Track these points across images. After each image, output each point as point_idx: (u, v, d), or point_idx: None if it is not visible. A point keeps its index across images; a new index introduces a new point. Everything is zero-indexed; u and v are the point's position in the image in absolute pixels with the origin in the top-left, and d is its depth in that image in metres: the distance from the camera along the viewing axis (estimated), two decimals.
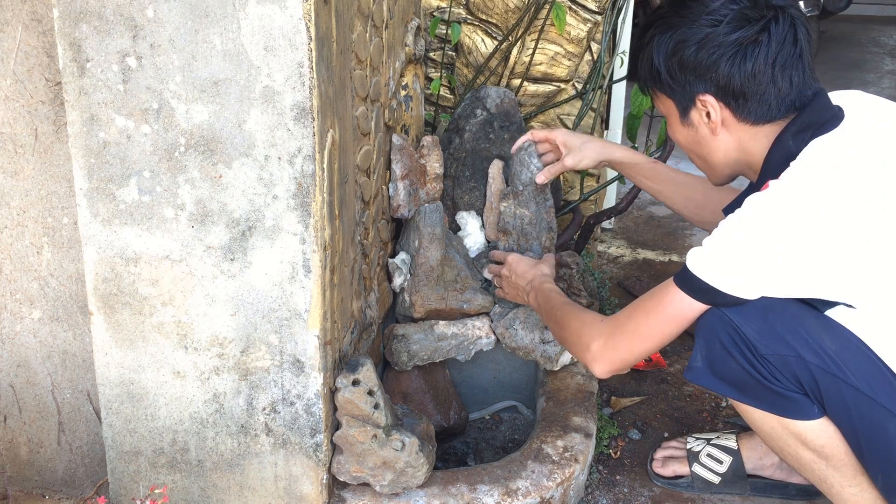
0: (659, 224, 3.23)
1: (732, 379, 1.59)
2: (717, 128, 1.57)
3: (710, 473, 1.89)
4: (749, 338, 1.54)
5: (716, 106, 1.55)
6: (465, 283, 2.02)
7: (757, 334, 1.54)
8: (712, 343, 1.59)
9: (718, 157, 1.63)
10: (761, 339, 1.54)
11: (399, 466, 1.59)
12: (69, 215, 1.63)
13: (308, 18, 1.32)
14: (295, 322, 1.49)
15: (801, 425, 1.56)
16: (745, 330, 1.54)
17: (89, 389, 1.74)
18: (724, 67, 1.51)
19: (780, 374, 1.54)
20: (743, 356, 1.55)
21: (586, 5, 2.43)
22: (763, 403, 1.59)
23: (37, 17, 1.53)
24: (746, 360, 1.55)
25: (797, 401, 1.55)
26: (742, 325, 1.54)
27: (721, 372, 1.59)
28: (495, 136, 2.28)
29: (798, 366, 1.52)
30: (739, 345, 1.55)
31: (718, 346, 1.58)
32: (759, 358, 1.54)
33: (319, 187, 1.42)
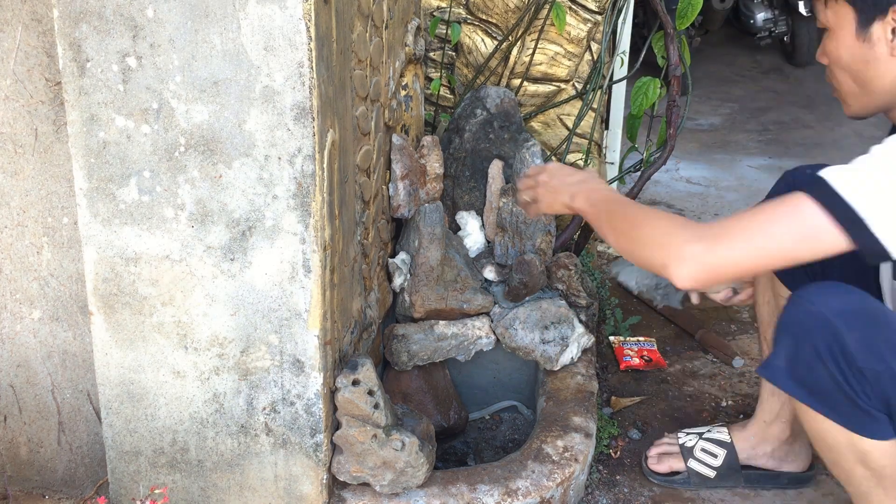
0: None
1: (815, 386, 1.46)
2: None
3: (706, 468, 1.89)
4: (850, 347, 1.41)
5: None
6: (465, 283, 2.02)
7: (858, 344, 1.41)
8: (803, 344, 1.45)
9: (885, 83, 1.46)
10: (863, 349, 1.41)
11: (399, 466, 1.59)
12: (69, 215, 1.63)
13: (308, 18, 1.32)
14: (295, 322, 1.49)
15: (870, 444, 1.47)
16: (848, 338, 1.41)
17: (89, 389, 1.74)
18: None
19: (871, 391, 1.42)
20: (837, 366, 1.42)
21: (586, 5, 2.43)
22: (840, 416, 1.47)
23: (37, 17, 1.53)
24: (839, 371, 1.42)
25: (879, 420, 1.45)
26: (845, 332, 1.41)
27: (804, 377, 1.46)
28: (495, 136, 2.29)
29: (892, 383, 1.41)
30: (836, 353, 1.42)
31: (809, 350, 1.44)
32: (855, 371, 1.41)
33: (319, 187, 1.42)
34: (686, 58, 2.40)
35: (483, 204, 2.28)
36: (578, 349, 2.06)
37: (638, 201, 3.25)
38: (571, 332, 2.03)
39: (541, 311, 2.02)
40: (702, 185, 3.60)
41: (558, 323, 2.02)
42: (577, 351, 2.05)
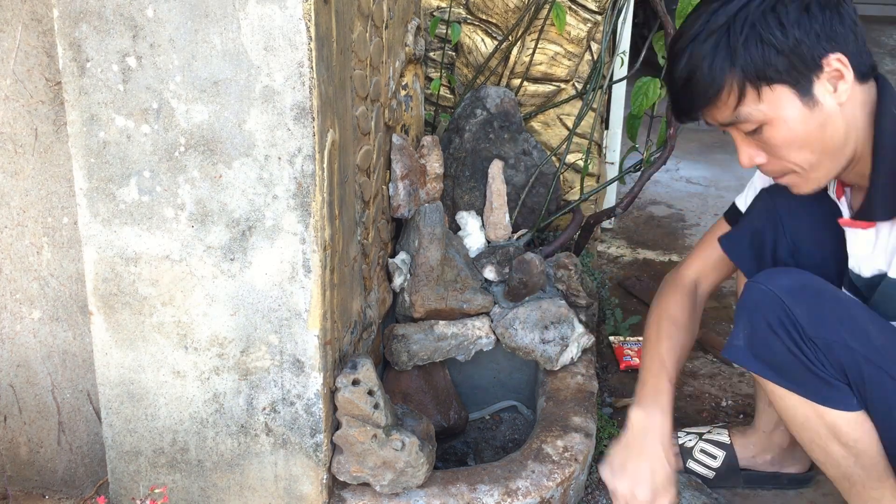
0: (659, 224, 3.23)
1: (774, 360, 1.52)
2: (847, 91, 1.39)
3: (705, 469, 1.89)
4: (799, 319, 1.48)
5: (846, 62, 1.37)
6: (465, 283, 2.02)
7: (807, 316, 1.48)
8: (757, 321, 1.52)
9: (842, 134, 1.43)
10: (811, 320, 1.48)
11: (399, 466, 1.59)
12: (69, 215, 1.63)
13: (308, 18, 1.32)
14: (295, 322, 1.49)
15: (838, 416, 1.50)
16: (796, 311, 1.48)
17: (89, 389, 1.74)
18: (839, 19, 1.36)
19: (826, 360, 1.48)
20: (790, 337, 1.49)
21: (586, 5, 2.43)
22: (803, 388, 1.52)
23: (37, 17, 1.53)
24: (793, 342, 1.49)
25: (839, 389, 1.49)
26: (793, 306, 1.48)
27: (762, 352, 1.53)
28: (495, 136, 2.29)
29: (844, 353, 1.47)
30: (787, 325, 1.49)
31: (764, 325, 1.51)
32: (807, 340, 1.48)
33: (319, 187, 1.42)
34: None
35: (483, 204, 2.28)
36: (578, 349, 2.06)
37: (638, 201, 3.23)
38: (571, 332, 2.03)
39: (541, 311, 2.02)
40: (702, 185, 3.60)
41: (558, 323, 2.02)
42: (577, 351, 2.05)
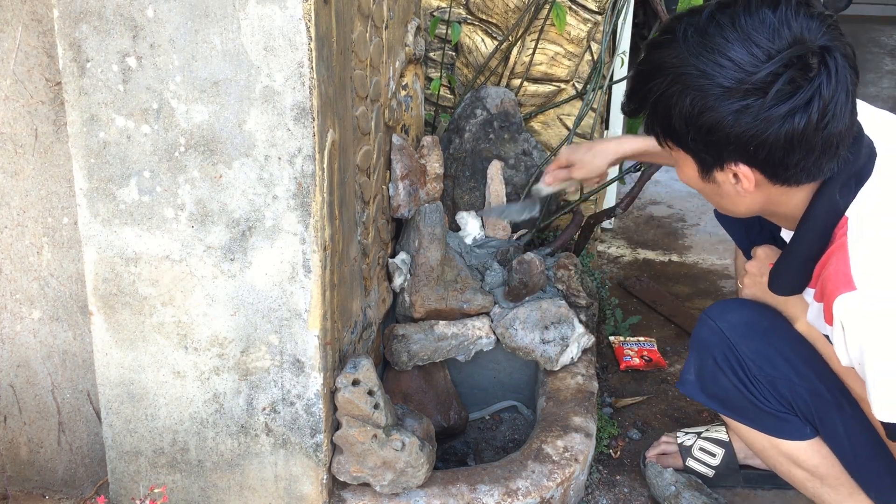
0: (659, 224, 3.23)
1: (723, 396, 1.58)
2: (746, 192, 1.36)
3: (704, 467, 1.90)
4: (742, 357, 1.53)
5: (749, 175, 1.33)
6: (465, 283, 2.02)
7: (752, 353, 1.53)
8: (705, 358, 1.58)
9: (740, 210, 1.43)
10: (756, 359, 1.53)
11: (399, 466, 1.59)
12: (69, 215, 1.63)
13: (308, 18, 1.32)
14: (295, 322, 1.49)
15: (792, 445, 1.56)
16: (740, 348, 1.53)
17: (89, 389, 1.74)
18: (768, 141, 1.26)
19: (771, 396, 1.53)
20: (735, 374, 1.54)
21: (586, 5, 2.43)
22: (753, 422, 1.58)
23: (37, 17, 1.53)
24: (738, 379, 1.55)
25: (788, 421, 1.55)
26: (738, 344, 1.53)
27: (712, 388, 1.59)
28: (495, 136, 2.29)
29: (789, 388, 1.52)
30: (732, 363, 1.54)
31: (711, 362, 1.57)
32: (752, 378, 1.53)
33: (319, 187, 1.42)
34: None
35: (483, 204, 2.28)
36: (578, 349, 2.06)
37: (638, 201, 3.23)
38: (571, 332, 2.03)
39: (541, 311, 2.02)
40: None
41: (558, 323, 2.02)
42: (577, 351, 2.05)
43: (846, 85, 1.26)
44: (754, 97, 1.24)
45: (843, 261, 1.30)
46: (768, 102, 1.24)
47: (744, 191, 1.35)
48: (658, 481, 1.84)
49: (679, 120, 1.31)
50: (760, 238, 1.76)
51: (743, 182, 1.34)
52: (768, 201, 1.39)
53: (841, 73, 1.25)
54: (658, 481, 1.84)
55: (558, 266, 2.18)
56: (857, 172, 1.35)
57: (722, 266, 2.91)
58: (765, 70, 1.23)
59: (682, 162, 1.39)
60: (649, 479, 1.87)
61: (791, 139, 1.26)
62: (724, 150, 1.30)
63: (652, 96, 1.33)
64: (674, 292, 2.74)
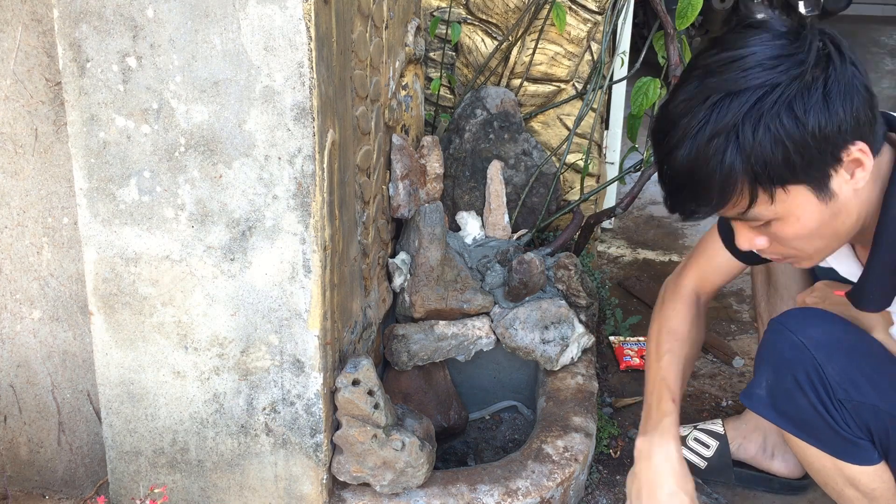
0: (659, 224, 3.23)
1: (797, 416, 1.48)
2: (865, 177, 1.26)
3: (697, 458, 1.90)
4: (829, 378, 1.43)
5: (867, 150, 1.24)
6: (465, 283, 2.02)
7: (839, 376, 1.43)
8: (783, 375, 1.47)
9: (853, 221, 1.31)
10: (842, 382, 1.43)
11: (399, 466, 1.59)
12: (69, 215, 1.63)
13: (308, 18, 1.32)
14: (295, 322, 1.49)
15: (858, 469, 1.49)
16: (828, 370, 1.43)
17: (89, 389, 1.74)
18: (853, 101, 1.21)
19: (852, 421, 1.45)
20: (817, 396, 1.44)
21: (586, 5, 2.43)
22: (824, 445, 1.49)
23: (37, 17, 1.53)
24: (819, 401, 1.44)
25: (862, 447, 1.47)
26: (825, 364, 1.43)
27: (785, 406, 1.48)
28: (495, 136, 2.29)
29: (872, 414, 1.44)
30: (816, 384, 1.43)
31: (790, 380, 1.46)
32: (835, 401, 1.43)
33: (319, 187, 1.42)
34: (686, 58, 2.40)
35: (483, 204, 2.28)
36: (578, 349, 2.06)
37: (638, 201, 3.23)
38: (571, 332, 2.03)
39: (541, 311, 2.02)
40: None
41: (558, 323, 2.02)
42: (578, 351, 2.05)
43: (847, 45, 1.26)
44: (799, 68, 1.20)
45: None
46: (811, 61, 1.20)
47: (862, 177, 1.26)
48: None
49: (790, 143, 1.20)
50: None
51: (865, 162, 1.24)
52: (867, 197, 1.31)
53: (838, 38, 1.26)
54: None
55: (558, 266, 2.18)
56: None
57: None
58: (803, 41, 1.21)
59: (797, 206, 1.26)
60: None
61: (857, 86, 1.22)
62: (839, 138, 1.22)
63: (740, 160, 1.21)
64: None
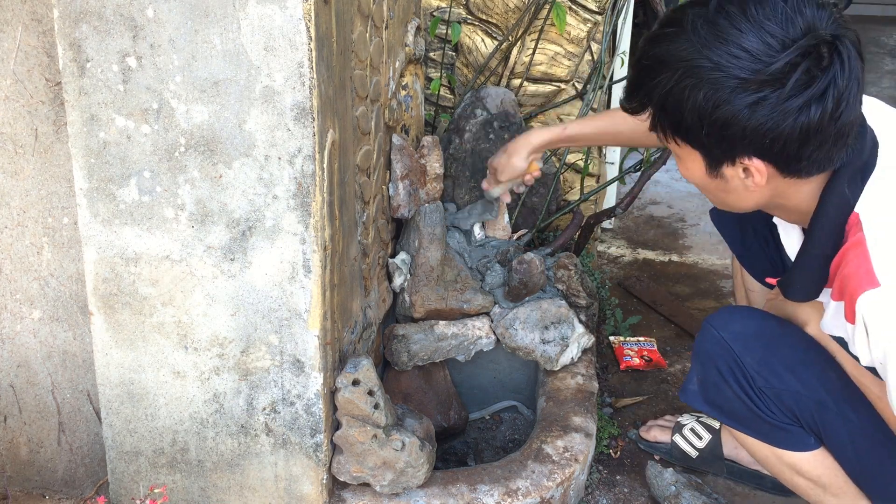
0: (659, 224, 3.23)
1: (726, 406, 1.57)
2: (757, 186, 1.33)
3: (689, 447, 1.92)
4: (747, 368, 1.51)
5: (762, 169, 1.30)
6: (465, 283, 2.02)
7: (756, 365, 1.51)
8: (708, 368, 1.57)
9: (746, 205, 1.41)
10: (760, 370, 1.51)
11: (399, 466, 1.59)
12: (69, 215, 1.63)
13: (308, 18, 1.32)
14: (295, 322, 1.49)
15: (796, 456, 1.55)
16: (745, 360, 1.51)
17: (89, 389, 1.74)
18: (783, 134, 1.24)
19: (776, 407, 1.52)
20: (739, 386, 1.53)
21: (586, 5, 2.43)
22: (756, 433, 1.57)
23: (37, 17, 1.53)
24: (742, 390, 1.53)
25: (792, 433, 1.54)
26: (742, 355, 1.51)
27: (715, 398, 1.58)
28: (495, 136, 2.28)
29: (794, 400, 1.50)
30: (737, 374, 1.52)
31: (714, 373, 1.56)
32: (756, 390, 1.52)
33: (319, 187, 1.42)
34: None
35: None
36: (578, 349, 2.06)
37: (638, 201, 3.23)
38: (571, 333, 2.03)
39: (541, 311, 2.02)
40: None
41: (558, 323, 2.02)
42: (578, 351, 2.05)
43: (857, 74, 1.24)
44: (771, 88, 1.21)
45: (864, 257, 1.28)
46: (786, 93, 1.21)
47: (754, 185, 1.33)
48: (658, 481, 1.84)
49: (692, 115, 1.26)
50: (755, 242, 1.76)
51: (755, 176, 1.31)
52: (775, 194, 1.37)
53: (853, 62, 1.23)
54: (658, 481, 1.84)
55: (558, 266, 2.18)
56: (862, 165, 1.33)
57: (722, 266, 2.91)
58: (781, 60, 1.20)
59: (687, 157, 1.36)
60: (649, 478, 1.87)
61: (807, 131, 1.23)
62: (738, 145, 1.27)
63: (659, 92, 1.28)
64: (674, 292, 2.74)
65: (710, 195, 1.44)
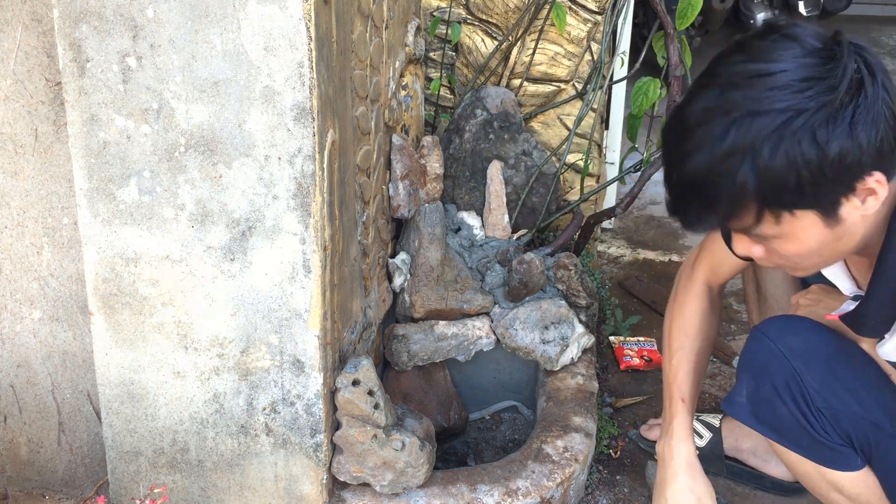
0: (659, 224, 3.23)
1: (778, 423, 1.49)
2: (877, 205, 1.22)
3: None
4: (808, 387, 1.43)
5: (883, 180, 1.19)
6: (465, 283, 2.02)
7: (818, 385, 1.43)
8: (763, 383, 1.48)
9: (856, 242, 1.29)
10: (821, 390, 1.43)
11: (399, 466, 1.59)
12: (69, 215, 1.63)
13: (308, 18, 1.32)
14: (295, 322, 1.49)
15: (840, 475, 1.49)
16: (806, 378, 1.43)
17: (89, 389, 1.74)
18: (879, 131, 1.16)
19: (831, 428, 1.45)
20: (795, 404, 1.45)
21: (586, 5, 2.43)
22: (805, 451, 1.50)
23: (37, 17, 1.53)
24: (798, 409, 1.45)
25: (842, 453, 1.48)
26: (803, 373, 1.43)
27: (765, 414, 1.49)
28: (495, 136, 2.28)
29: (852, 422, 1.44)
30: (794, 392, 1.44)
31: (769, 388, 1.47)
32: (814, 409, 1.44)
33: (319, 187, 1.42)
34: (686, 58, 2.40)
35: (483, 204, 2.28)
36: (578, 349, 2.06)
37: (638, 201, 3.22)
38: (571, 333, 2.03)
39: (541, 311, 2.02)
40: None
41: (558, 323, 2.02)
42: (578, 351, 2.05)
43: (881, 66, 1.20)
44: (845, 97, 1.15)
45: None
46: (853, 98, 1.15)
47: (873, 205, 1.22)
48: None
49: (807, 171, 1.16)
50: None
51: (879, 192, 1.20)
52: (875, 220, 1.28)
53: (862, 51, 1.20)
54: None
55: (558, 266, 2.18)
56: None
57: None
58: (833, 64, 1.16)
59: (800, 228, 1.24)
60: (649, 478, 1.87)
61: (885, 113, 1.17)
62: (856, 167, 1.18)
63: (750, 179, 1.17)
64: None
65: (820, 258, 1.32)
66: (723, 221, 1.26)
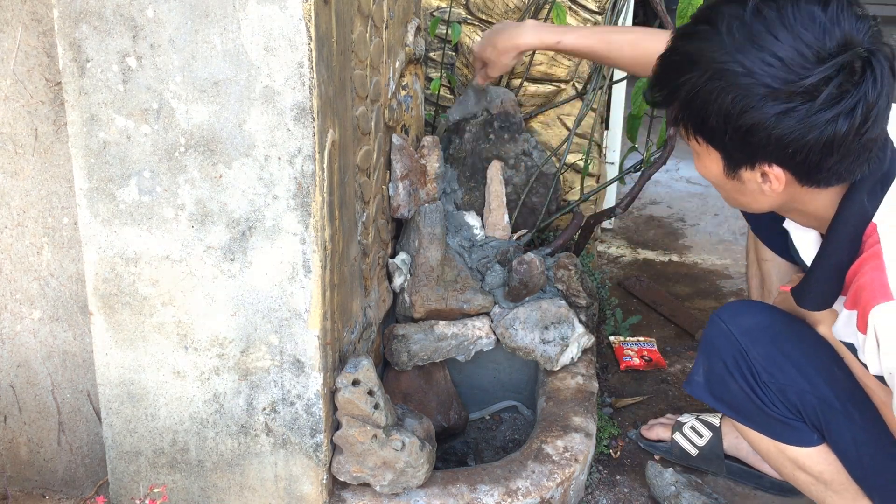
0: (659, 224, 3.23)
1: (731, 399, 1.58)
2: (773, 192, 1.33)
3: (689, 444, 1.93)
4: (753, 362, 1.52)
5: (781, 176, 1.30)
6: (465, 283, 2.02)
7: (763, 360, 1.52)
8: (714, 361, 1.57)
9: (760, 207, 1.41)
10: (766, 365, 1.51)
11: (399, 466, 1.59)
12: (69, 215, 1.63)
13: (308, 18, 1.32)
14: (295, 322, 1.49)
15: (799, 451, 1.56)
16: (752, 354, 1.52)
17: (89, 389, 1.74)
18: (807, 145, 1.23)
19: (780, 402, 1.53)
20: (744, 379, 1.54)
21: (586, 5, 2.43)
22: (759, 427, 1.58)
23: (37, 17, 1.53)
24: (747, 384, 1.54)
25: (796, 428, 1.54)
26: (749, 349, 1.52)
27: (720, 391, 1.59)
28: (495, 136, 2.29)
29: (799, 396, 1.51)
30: (742, 368, 1.53)
31: (720, 366, 1.56)
32: (761, 384, 1.53)
33: (319, 187, 1.42)
34: None
35: (483, 204, 2.28)
36: (578, 349, 2.06)
37: (638, 201, 3.23)
38: (571, 333, 2.03)
39: (541, 311, 2.02)
40: (702, 185, 3.60)
41: (558, 323, 2.02)
42: (578, 351, 2.05)
43: (888, 90, 1.23)
44: (801, 100, 1.20)
45: (880, 270, 1.28)
46: (816, 107, 1.20)
47: (770, 190, 1.33)
48: (658, 481, 1.84)
49: (717, 117, 1.26)
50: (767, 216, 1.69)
51: (773, 183, 1.31)
52: (791, 200, 1.37)
53: (885, 78, 1.22)
54: (658, 481, 1.84)
55: (558, 266, 2.18)
56: (882, 176, 1.33)
57: (722, 266, 2.91)
58: (816, 75, 1.19)
59: (706, 156, 1.35)
60: (649, 479, 1.87)
61: (831, 143, 1.23)
62: (760, 151, 1.27)
63: (686, 89, 1.28)
64: (674, 292, 2.75)
65: (724, 194, 1.44)
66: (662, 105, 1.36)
